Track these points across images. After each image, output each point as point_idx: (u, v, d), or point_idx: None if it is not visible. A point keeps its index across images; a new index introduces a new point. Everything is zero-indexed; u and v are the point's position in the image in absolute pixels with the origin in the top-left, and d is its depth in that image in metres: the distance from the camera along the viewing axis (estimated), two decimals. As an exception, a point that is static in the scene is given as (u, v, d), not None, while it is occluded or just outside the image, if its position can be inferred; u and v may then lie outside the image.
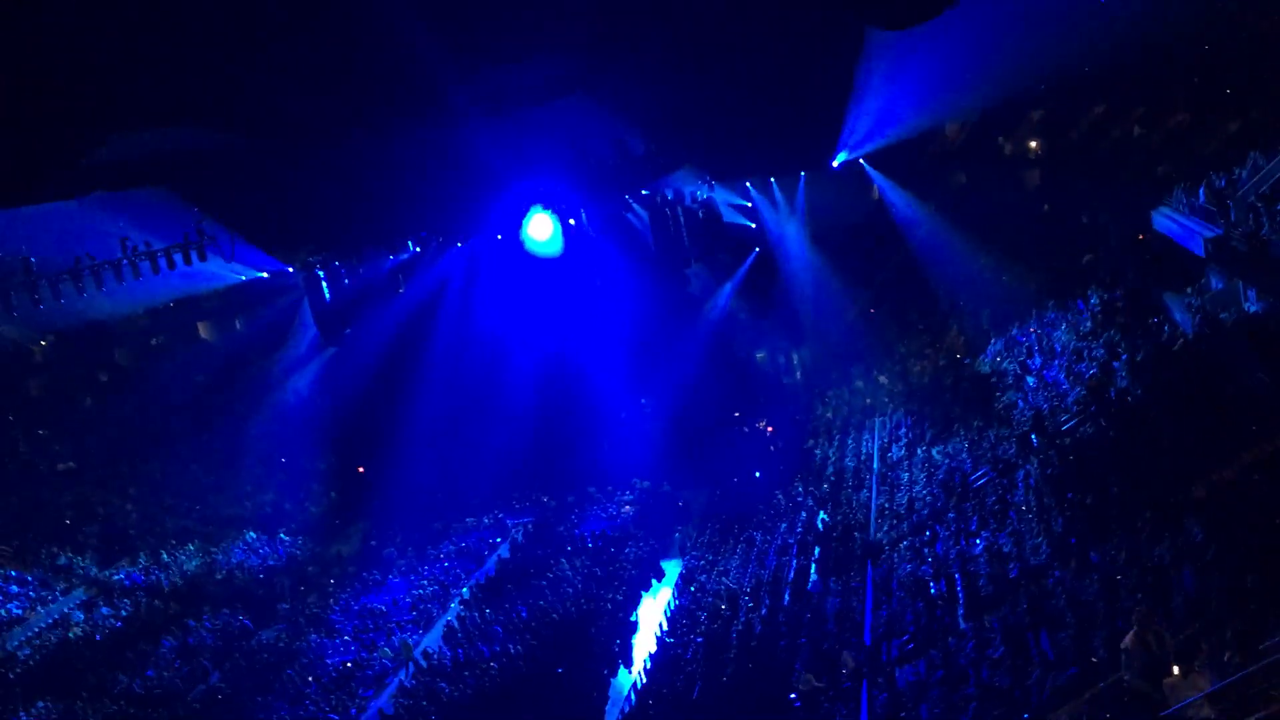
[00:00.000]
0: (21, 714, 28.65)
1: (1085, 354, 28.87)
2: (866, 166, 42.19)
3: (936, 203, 41.38)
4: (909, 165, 41.96)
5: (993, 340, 35.75)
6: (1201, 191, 26.40)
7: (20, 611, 33.38)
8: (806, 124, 37.93)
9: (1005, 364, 33.58)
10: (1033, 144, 41.52)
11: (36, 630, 32.73)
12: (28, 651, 31.60)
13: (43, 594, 34.53)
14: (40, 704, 29.21)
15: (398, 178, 37.88)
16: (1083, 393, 26.94)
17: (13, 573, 34.86)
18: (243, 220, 39.88)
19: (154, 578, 36.61)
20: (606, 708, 25.91)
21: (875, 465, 34.45)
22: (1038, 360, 31.56)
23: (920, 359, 38.75)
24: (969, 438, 30.78)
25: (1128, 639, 11.45)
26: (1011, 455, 27.23)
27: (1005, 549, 22.68)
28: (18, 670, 30.77)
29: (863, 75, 34.16)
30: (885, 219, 42.18)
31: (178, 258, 35.95)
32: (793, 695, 22.20)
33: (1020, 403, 30.13)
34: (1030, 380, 30.80)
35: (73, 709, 29.23)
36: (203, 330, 43.71)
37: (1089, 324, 30.36)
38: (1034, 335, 33.01)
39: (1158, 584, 16.70)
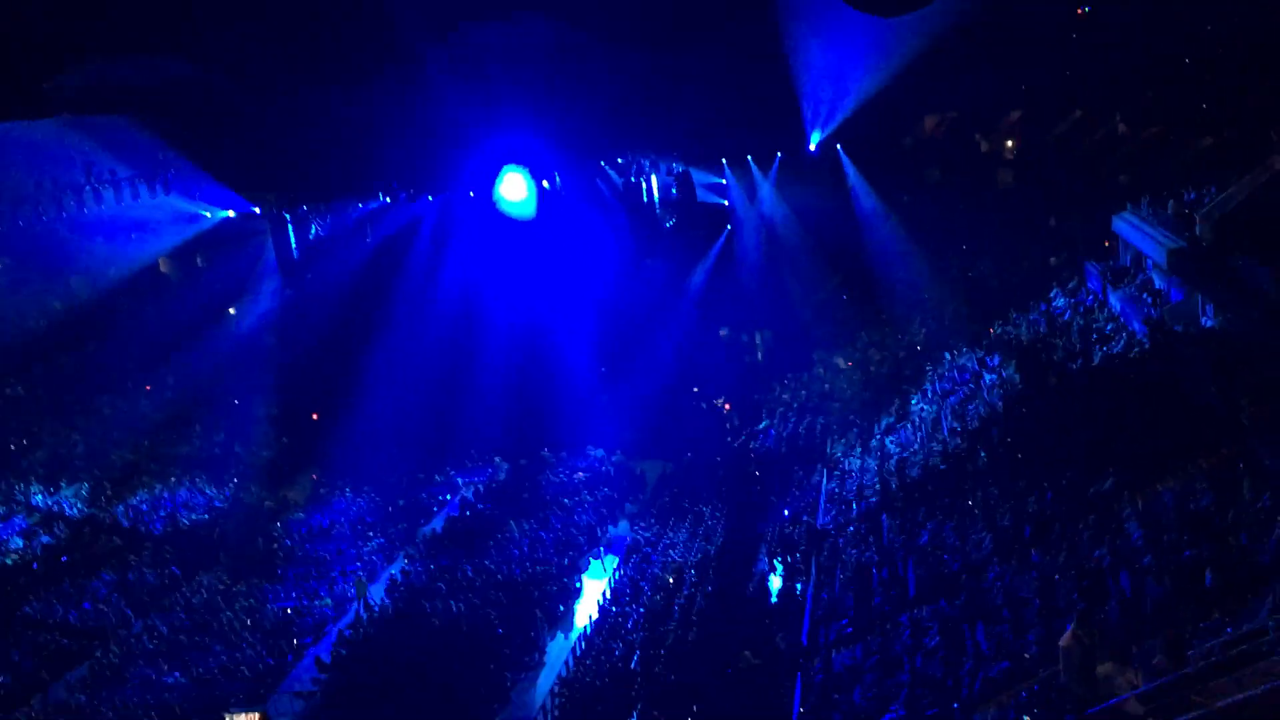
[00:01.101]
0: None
1: (1041, 355, 29.23)
2: (843, 154, 42.33)
3: (909, 195, 41.60)
4: (884, 156, 42.17)
5: (953, 337, 36.09)
6: (1170, 204, 26.74)
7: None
8: (781, 104, 38.06)
9: (963, 360, 33.92)
10: (1009, 143, 41.80)
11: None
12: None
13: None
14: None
15: (371, 127, 37.56)
16: (1033, 393, 27.31)
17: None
18: (212, 158, 39.42)
19: (97, 511, 36.24)
20: (543, 671, 26.01)
21: (828, 450, 34.72)
22: (996, 358, 31.91)
23: (881, 349, 38.98)
24: (921, 430, 31.10)
25: (1065, 638, 11.64)
26: (962, 450, 27.57)
27: (949, 541, 22.94)
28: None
29: (835, 55, 34.44)
30: (857, 208, 42.38)
31: (142, 188, 35.39)
32: (729, 670, 22.43)
33: (975, 399, 30.46)
34: (988, 377, 31.14)
35: (6, 635, 28.95)
36: (163, 265, 43.09)
37: (1045, 327, 30.75)
38: (996, 333, 33.43)
39: (1095, 586, 16.99)
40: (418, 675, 25.12)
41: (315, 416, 42.84)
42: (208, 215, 42.33)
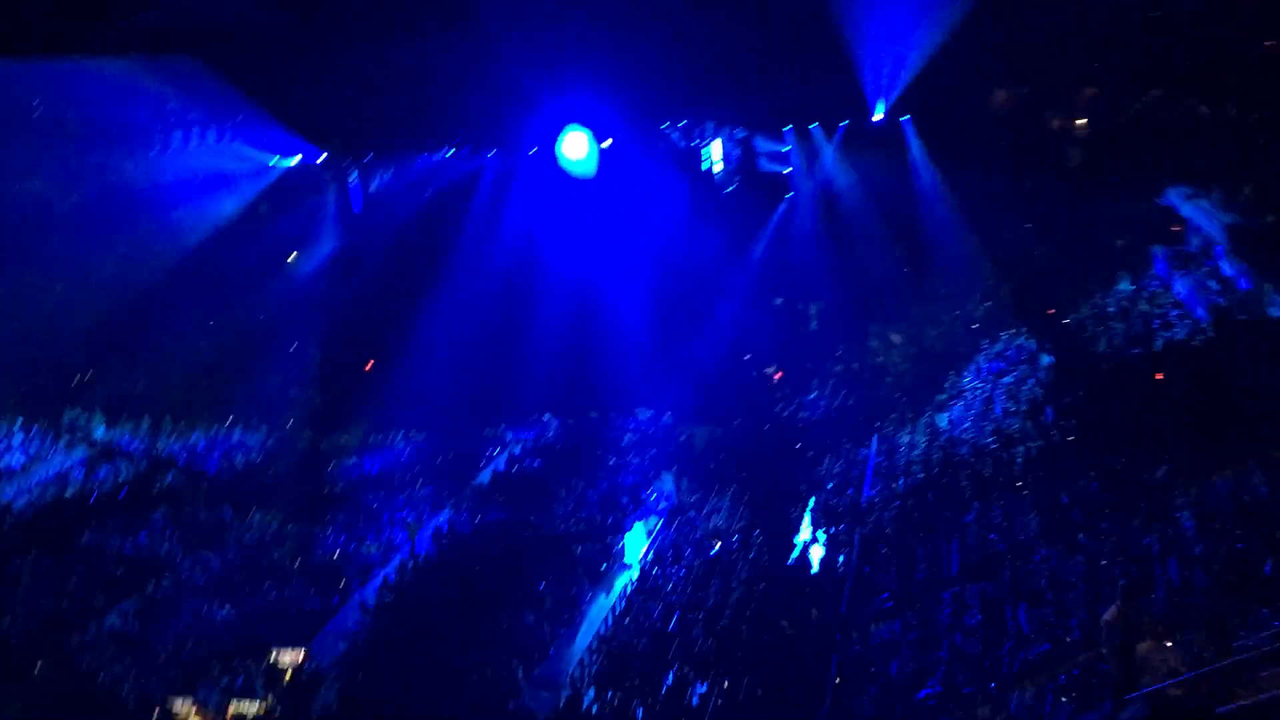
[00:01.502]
0: (13, 562, 29.19)
1: (1101, 340, 28.78)
2: (908, 126, 41.67)
3: (974, 170, 40.87)
4: (950, 129, 41.42)
5: (1011, 316, 35.62)
6: (1244, 189, 26.09)
7: (21, 462, 33.90)
8: (847, 72, 37.48)
9: (1020, 340, 33.47)
10: (1080, 121, 40.84)
11: (35, 482, 33.24)
12: (23, 503, 32.12)
13: (45, 449, 35.02)
14: (32, 555, 29.74)
15: (438, 80, 37.59)
16: (1089, 377, 26.92)
17: (17, 424, 35.36)
18: (280, 103, 39.70)
19: (156, 447, 37.04)
20: (582, 628, 26.26)
21: (877, 423, 34.54)
22: (1053, 340, 31.47)
23: (936, 325, 38.58)
24: (974, 408, 30.82)
25: (1110, 612, 11.53)
26: (1014, 431, 27.30)
27: (995, 520, 22.78)
28: (12, 521, 31.32)
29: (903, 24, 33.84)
30: (921, 181, 41.75)
31: (211, 132, 35.77)
32: (766, 638, 22.52)
33: (1030, 380, 30.10)
34: (1045, 359, 30.73)
35: (65, 563, 29.75)
36: (228, 208, 43.59)
37: (1107, 310, 30.25)
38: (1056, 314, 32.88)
39: (1142, 573, 16.81)
40: (458, 624, 25.52)
41: (370, 365, 43.37)
42: (273, 162, 42.69)
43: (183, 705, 23.45)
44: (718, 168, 42.48)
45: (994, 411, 29.83)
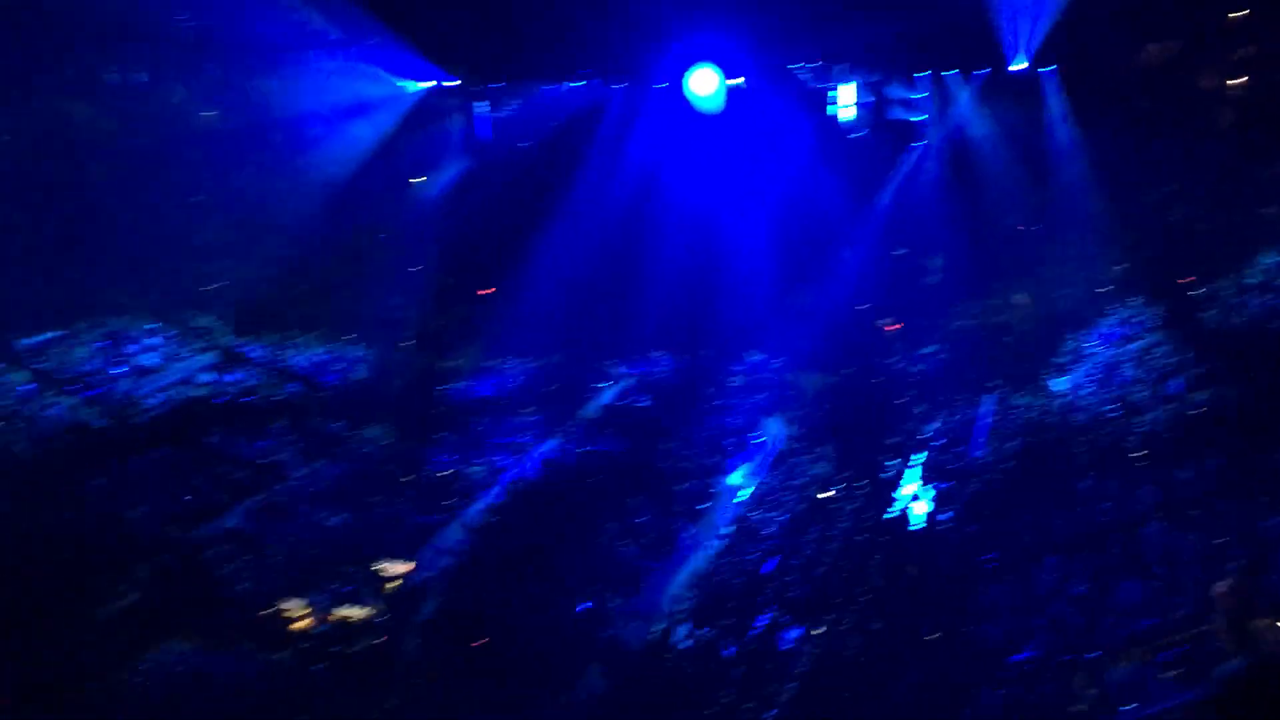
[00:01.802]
0: (143, 456, 30.71)
1: (1242, 313, 27.53)
2: (1048, 78, 40.01)
3: (1116, 127, 39.13)
4: (1094, 83, 39.66)
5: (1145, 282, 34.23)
6: None
7: (155, 362, 35.51)
8: (987, 17, 36.04)
9: (1154, 306, 32.21)
10: (1235, 81, 38.67)
11: (166, 382, 34.81)
12: (154, 401, 33.69)
13: (177, 350, 36.57)
14: (161, 451, 31.25)
15: (569, 9, 37.50)
16: (1224, 350, 25.81)
17: (153, 325, 37.00)
18: (414, 30, 40.09)
19: (278, 358, 38.36)
20: (679, 564, 26.49)
21: (993, 383, 33.75)
22: (1189, 309, 30.20)
23: (1065, 286, 37.32)
24: (1095, 374, 29.87)
25: (1224, 585, 11.07)
26: (1137, 400, 26.40)
27: (1111, 489, 22.16)
28: (143, 416, 32.89)
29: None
30: (1059, 136, 40.16)
31: (348, 52, 36.33)
32: (861, 589, 22.41)
33: (1159, 349, 29.00)
34: (1177, 329, 29.56)
35: (190, 461, 31.19)
36: (355, 129, 44.38)
37: (1256, 279, 28.85)
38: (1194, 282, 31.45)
39: (1263, 557, 16.20)
40: (556, 550, 26.01)
41: (487, 290, 43.99)
42: (405, 86, 43.22)
43: (293, 606, 24.49)
44: (847, 112, 41.47)
45: (1118, 379, 28.87)
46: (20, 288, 35.34)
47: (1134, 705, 14.63)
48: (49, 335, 34.66)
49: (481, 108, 44.11)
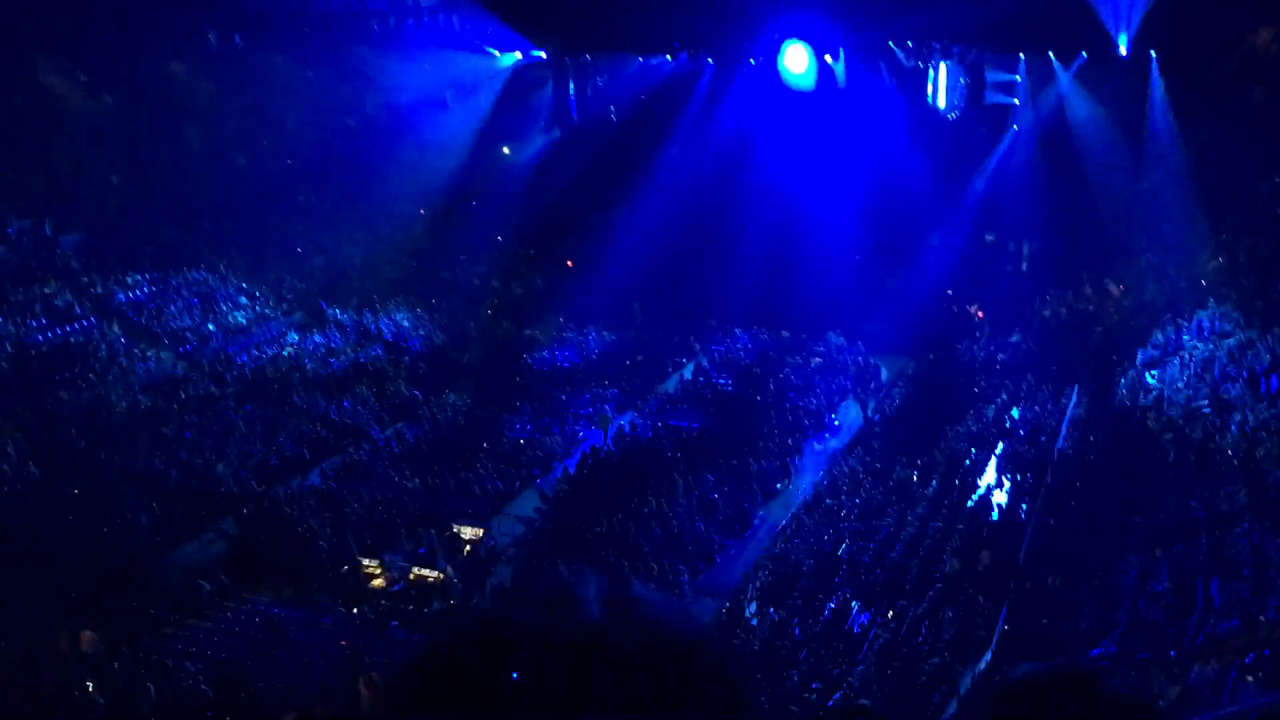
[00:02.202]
0: (231, 412, 31.54)
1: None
2: (1155, 62, 38.75)
3: (1224, 115, 37.79)
4: (1203, 68, 38.33)
5: (1244, 277, 33.07)
6: None
7: (245, 321, 36.38)
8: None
9: (1253, 301, 31.15)
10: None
11: (256, 340, 35.68)
12: (244, 358, 34.55)
13: (266, 311, 37.42)
14: (249, 407, 32.06)
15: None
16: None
17: (244, 285, 37.89)
18: (506, 2, 40.32)
19: (365, 321, 39.04)
20: (751, 543, 26.44)
21: (1081, 374, 33.02)
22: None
23: (1160, 278, 36.27)
24: (1189, 369, 29.01)
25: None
26: (1233, 398, 25.62)
27: (1198, 488, 21.56)
28: (234, 373, 33.76)
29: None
30: (1159, 123, 38.93)
31: (441, 20, 36.77)
32: (936, 575, 22.15)
33: (1257, 346, 28.08)
34: (1278, 325, 28.58)
35: (277, 418, 31.93)
36: (448, 97, 44.83)
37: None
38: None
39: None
40: (630, 523, 26.13)
41: (570, 263, 44.25)
42: (498, 59, 43.52)
43: (370, 564, 24.99)
44: (943, 93, 40.70)
45: (1212, 375, 28.01)
46: (118, 244, 36.47)
47: (1213, 706, 14.24)
48: (145, 291, 35.69)
49: (570, 80, 44.24)
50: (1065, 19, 36.64)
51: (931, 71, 40.46)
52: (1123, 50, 38.02)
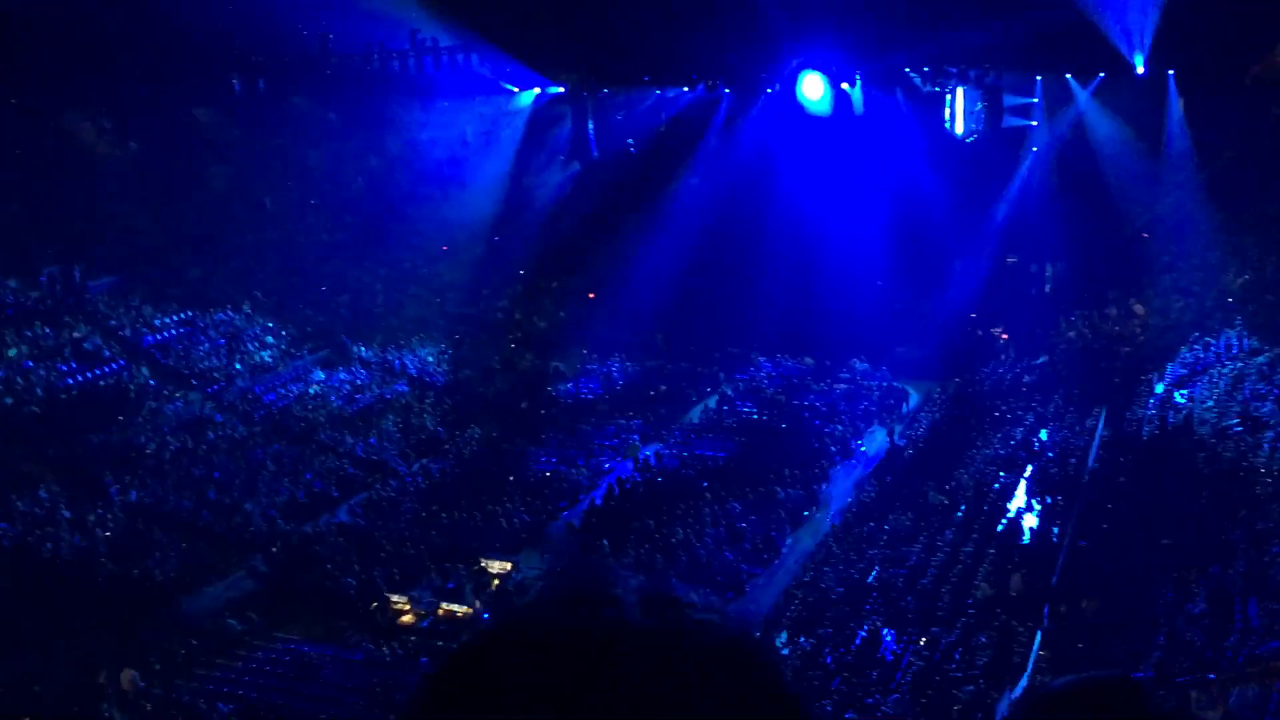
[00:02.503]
0: (259, 451, 31.73)
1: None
2: (1172, 82, 38.66)
3: (1239, 135, 37.65)
4: (1221, 86, 38.24)
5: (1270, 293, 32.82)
6: None
7: (271, 360, 36.63)
8: (1105, 20, 34.93)
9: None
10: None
11: (282, 380, 35.92)
12: (271, 397, 34.77)
13: (291, 349, 37.70)
14: (276, 447, 32.24)
15: (678, 16, 37.64)
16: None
17: (270, 324, 38.19)
18: (517, 36, 40.71)
19: (389, 358, 39.22)
20: (780, 571, 26.28)
21: (1109, 394, 32.77)
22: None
23: (1186, 296, 36.04)
24: (1219, 386, 28.76)
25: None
26: (1264, 415, 25.36)
27: (1233, 508, 21.30)
28: (261, 413, 33.98)
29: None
30: (1178, 142, 38.78)
31: (459, 59, 37.17)
32: (969, 601, 21.95)
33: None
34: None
35: (304, 455, 32.09)
36: (468, 135, 45.23)
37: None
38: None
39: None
40: (658, 554, 26.06)
41: (592, 296, 44.39)
42: (514, 90, 43.86)
43: (398, 601, 24.99)
44: (960, 117, 40.71)
45: (1242, 392, 27.75)
46: (145, 286, 36.94)
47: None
48: (173, 333, 36.05)
49: (588, 114, 44.50)
50: (1080, 41, 36.67)
51: (949, 96, 40.47)
52: (1140, 69, 37.99)
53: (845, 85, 39.81)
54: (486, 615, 24.39)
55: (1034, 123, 41.78)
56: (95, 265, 36.30)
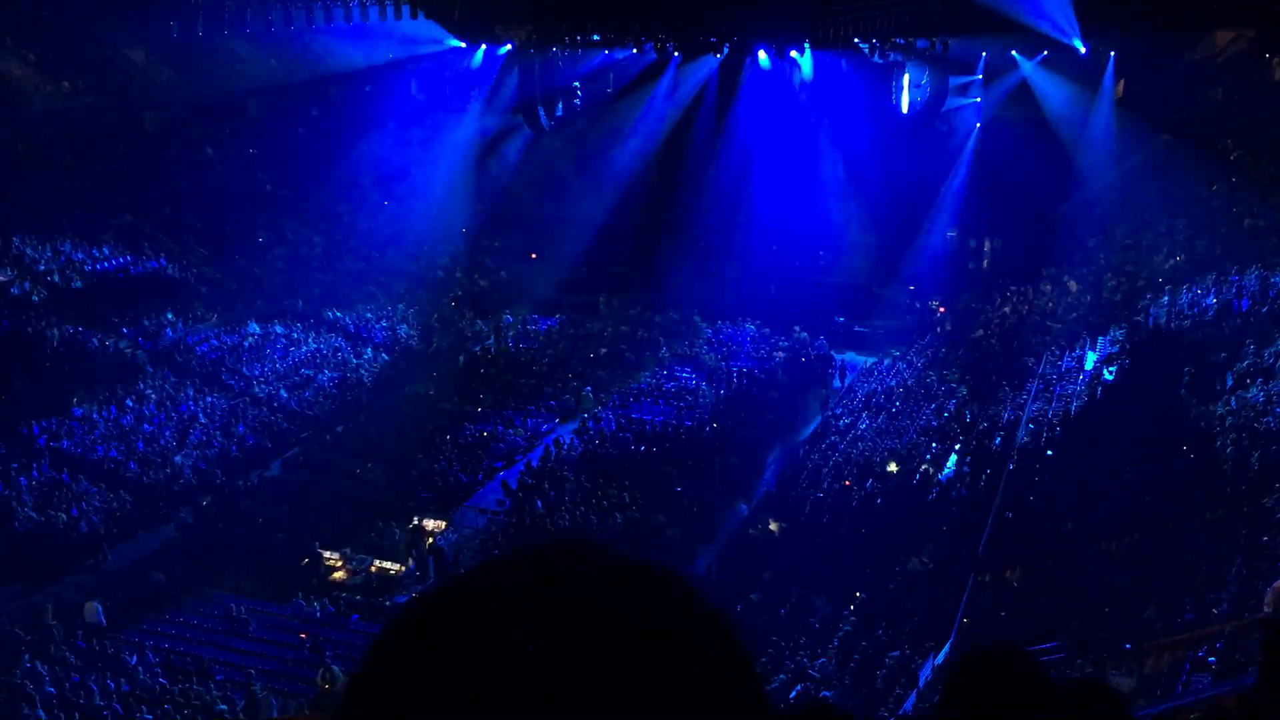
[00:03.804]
0: (190, 403, 31.21)
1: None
2: (1113, 62, 39.25)
3: (1181, 115, 38.36)
4: (1160, 68, 38.90)
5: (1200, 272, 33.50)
6: None
7: (204, 311, 35.87)
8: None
9: (1208, 298, 31.55)
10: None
11: (216, 332, 35.23)
12: (205, 348, 34.04)
13: (226, 301, 36.92)
14: (208, 399, 31.76)
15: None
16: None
17: (204, 273, 37.38)
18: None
19: (325, 313, 38.59)
20: (717, 539, 26.52)
21: (1040, 368, 33.36)
22: (1245, 303, 29.58)
23: (1119, 274, 36.71)
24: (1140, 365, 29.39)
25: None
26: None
27: (1157, 479, 21.87)
28: (194, 362, 33.34)
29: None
30: (1116, 124, 39.43)
31: (390, 8, 36.68)
32: (896, 569, 22.33)
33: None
34: (1237, 318, 28.99)
35: (236, 409, 31.56)
36: (414, 89, 44.54)
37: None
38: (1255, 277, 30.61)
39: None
40: (594, 516, 26.16)
41: (534, 255, 44.15)
42: (461, 45, 43.15)
43: (330, 557, 24.83)
44: (906, 92, 40.87)
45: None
46: (74, 230, 35.97)
47: (1167, 698, 14.47)
48: (101, 281, 35.20)
49: (536, 76, 43.85)
50: (1023, 18, 37.04)
51: (895, 70, 40.58)
52: (1080, 49, 38.54)
53: (794, 53, 39.77)
54: (419, 572, 24.37)
55: (977, 99, 42.20)
56: (22, 208, 35.18)
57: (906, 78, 40.65)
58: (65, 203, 35.89)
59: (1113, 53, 38.98)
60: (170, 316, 34.65)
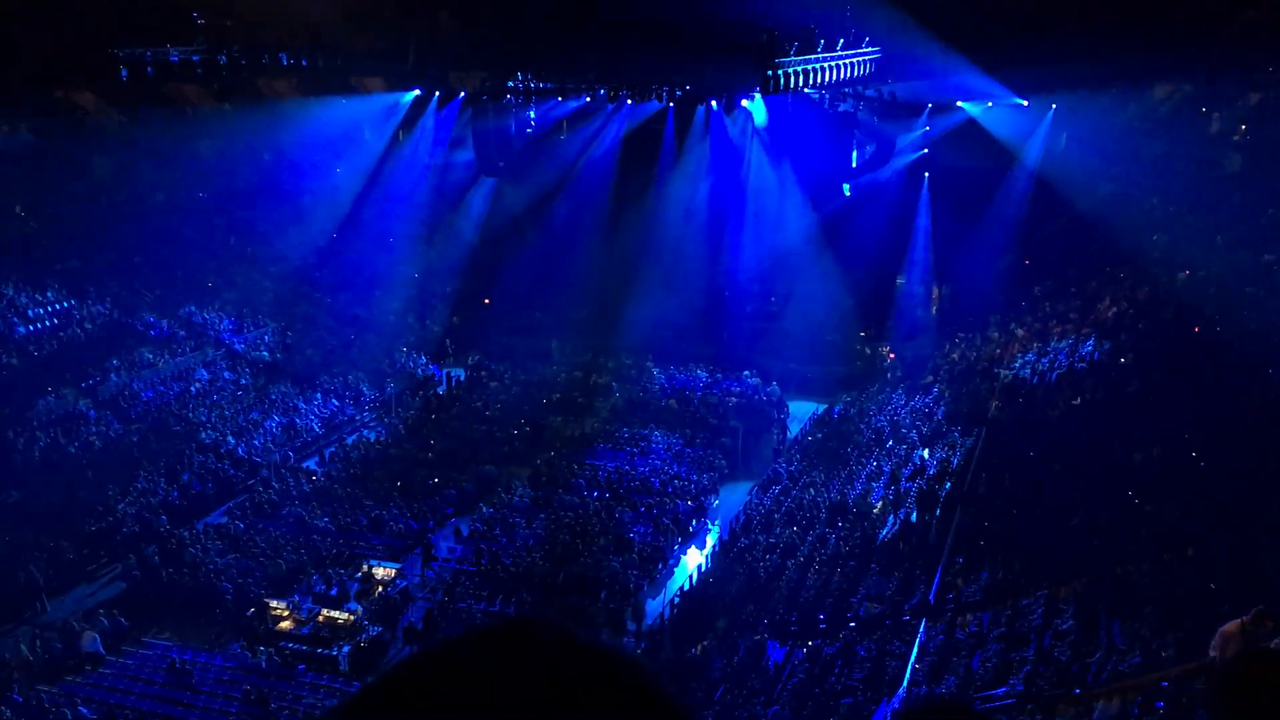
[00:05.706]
0: (135, 449, 30.65)
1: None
2: (1053, 113, 40.32)
3: (1123, 167, 39.33)
4: (1102, 123, 39.93)
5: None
6: None
7: (151, 357, 35.35)
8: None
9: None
10: (1243, 126, 38.94)
11: (162, 377, 34.72)
12: (150, 394, 33.57)
13: (174, 346, 36.46)
14: (153, 445, 31.19)
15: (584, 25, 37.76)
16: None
17: (151, 319, 36.88)
18: (416, 40, 40.33)
19: (277, 357, 38.26)
20: (670, 580, 26.44)
21: (989, 415, 33.70)
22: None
23: (1063, 323, 37.31)
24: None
25: (1230, 625, 10.87)
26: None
27: (1104, 525, 22.13)
28: (138, 409, 32.82)
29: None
30: (1065, 172, 40.36)
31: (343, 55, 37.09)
32: (849, 614, 22.35)
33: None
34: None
35: (182, 456, 31.09)
36: (367, 132, 44.52)
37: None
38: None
39: (1255, 596, 16.13)
40: (548, 559, 25.99)
41: (487, 301, 44.07)
42: (418, 93, 43.27)
43: (277, 606, 24.36)
44: (855, 152, 41.46)
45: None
46: (19, 274, 35.44)
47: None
48: (46, 325, 34.64)
49: (489, 122, 44.02)
50: (972, 74, 37.98)
51: (848, 120, 41.08)
52: (1023, 102, 39.55)
53: (745, 102, 40.26)
54: (368, 621, 23.97)
55: (924, 150, 42.95)
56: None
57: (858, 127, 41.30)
58: (8, 245, 35.41)
59: (1054, 105, 40.07)
60: (115, 362, 34.13)
